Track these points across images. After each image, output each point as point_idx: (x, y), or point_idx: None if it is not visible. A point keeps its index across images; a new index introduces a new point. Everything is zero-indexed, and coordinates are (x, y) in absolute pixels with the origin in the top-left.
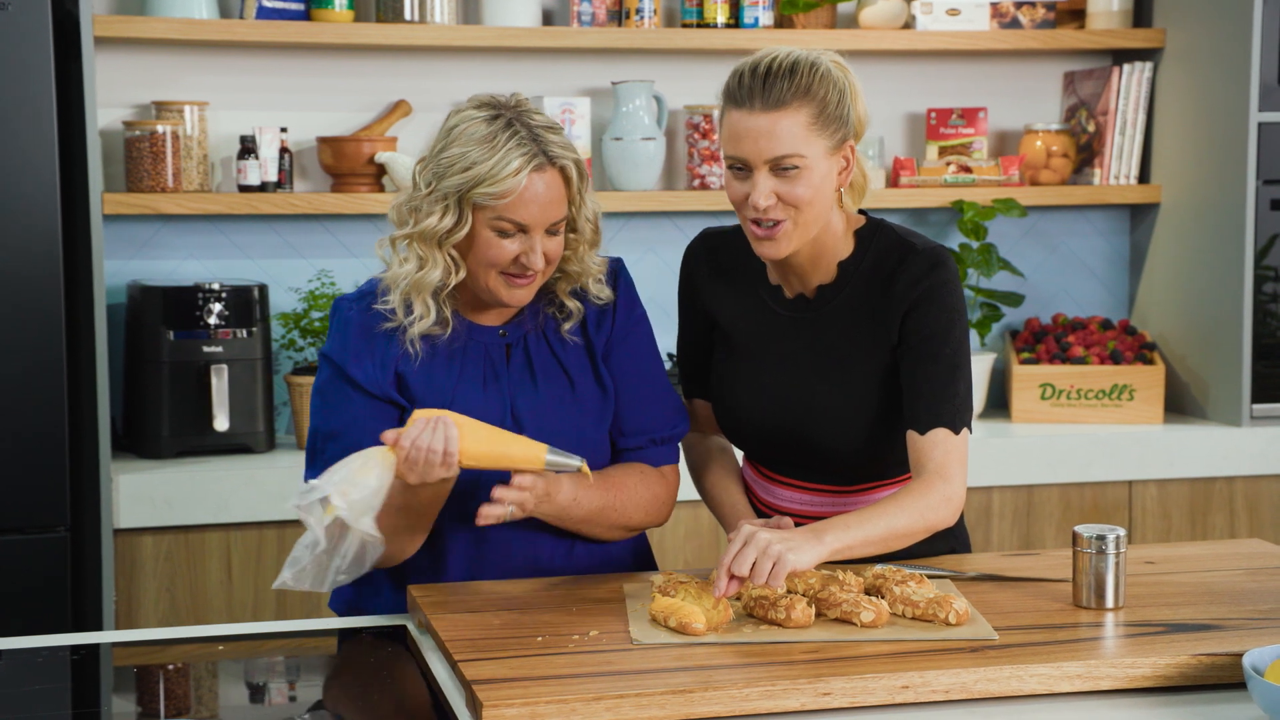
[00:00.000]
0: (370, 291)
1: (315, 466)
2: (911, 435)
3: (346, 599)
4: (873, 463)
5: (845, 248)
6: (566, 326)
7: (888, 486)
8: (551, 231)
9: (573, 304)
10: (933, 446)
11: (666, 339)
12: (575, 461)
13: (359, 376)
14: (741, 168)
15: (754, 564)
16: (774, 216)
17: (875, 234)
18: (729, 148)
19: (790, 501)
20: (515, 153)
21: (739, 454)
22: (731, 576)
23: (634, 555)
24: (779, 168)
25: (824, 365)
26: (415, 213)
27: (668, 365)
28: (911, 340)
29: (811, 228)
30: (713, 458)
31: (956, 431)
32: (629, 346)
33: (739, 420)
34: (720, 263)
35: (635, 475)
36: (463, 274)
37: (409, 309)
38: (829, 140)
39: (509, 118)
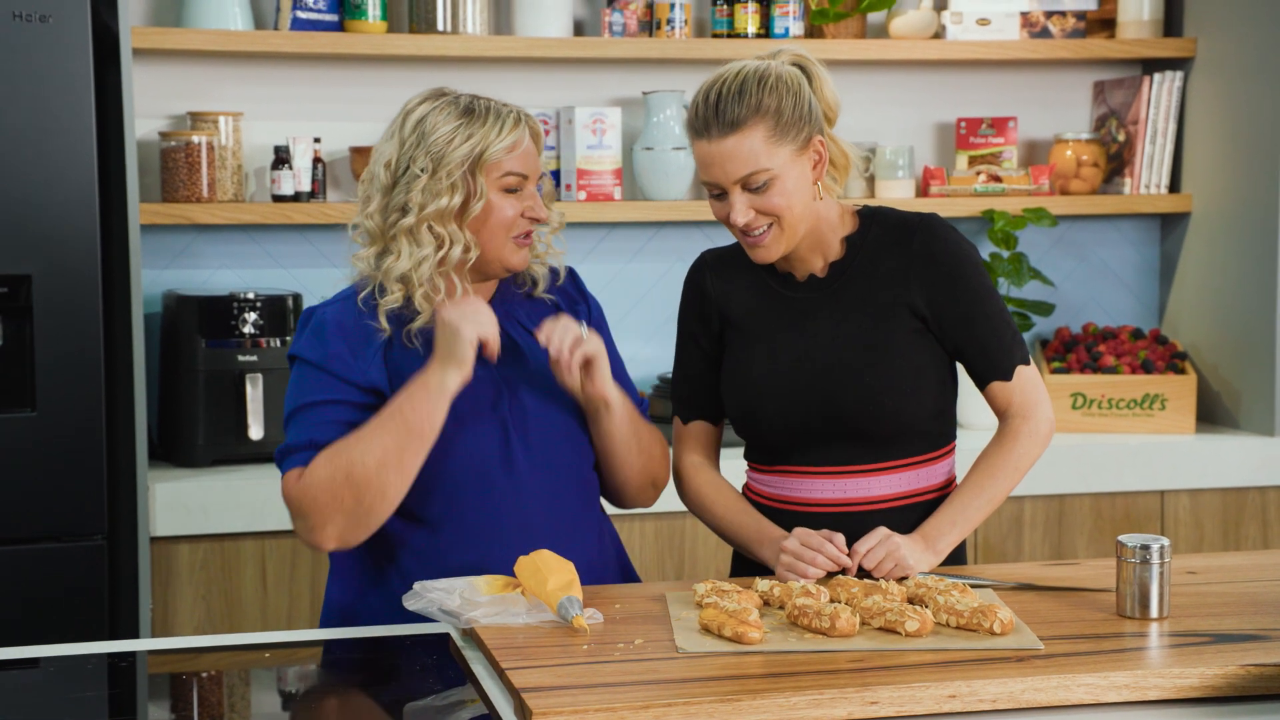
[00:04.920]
0: (350, 296)
1: (293, 432)
2: (996, 385)
3: (339, 606)
4: (897, 424)
5: (848, 226)
6: (539, 289)
7: (910, 468)
8: (538, 188)
9: (538, 269)
10: (1016, 385)
11: None
12: (574, 613)
13: (339, 369)
14: (717, 191)
15: (879, 560)
16: (758, 227)
17: (877, 211)
18: (701, 174)
19: (810, 493)
20: (500, 113)
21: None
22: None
23: (619, 567)
24: (749, 185)
25: (847, 330)
26: (412, 203)
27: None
28: (958, 306)
29: (798, 226)
30: (721, 485)
31: (1028, 363)
32: (603, 331)
33: (761, 407)
34: (726, 268)
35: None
36: (478, 251)
37: (408, 301)
38: (793, 144)
39: (469, 98)
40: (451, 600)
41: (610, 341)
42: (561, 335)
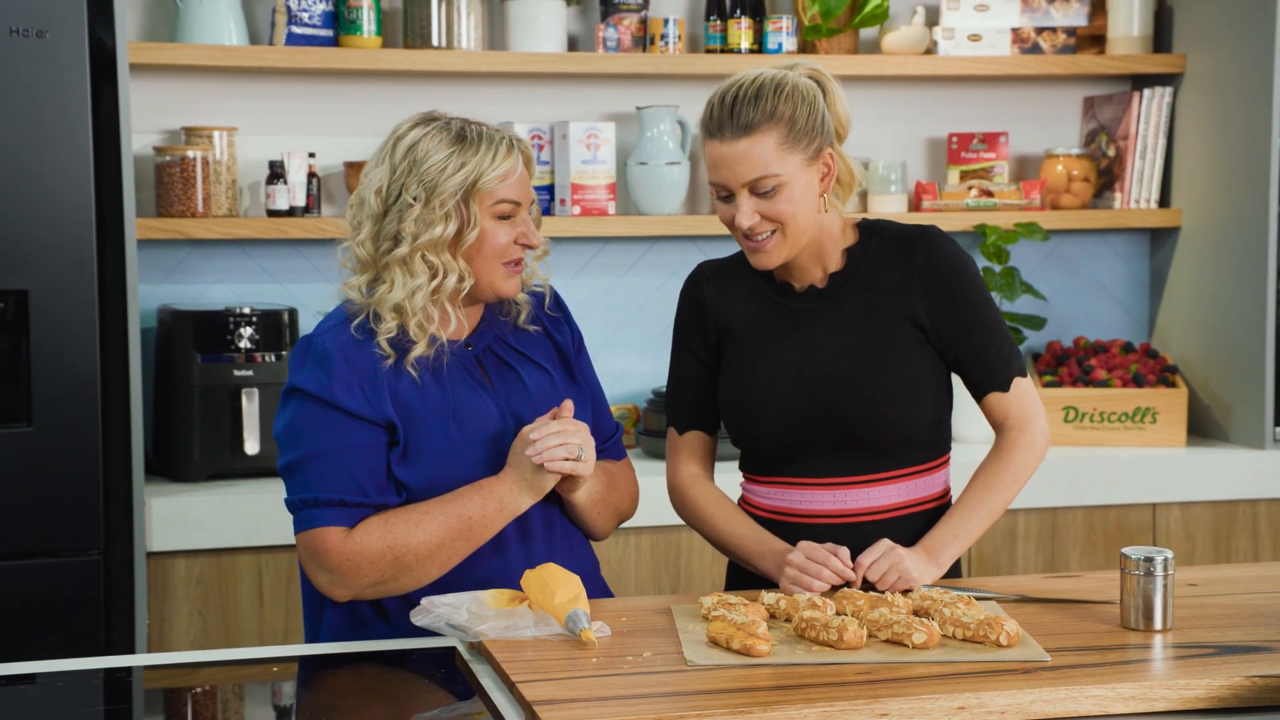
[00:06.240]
0: (344, 322)
1: (310, 483)
2: (993, 397)
3: (338, 630)
4: (897, 435)
5: (848, 239)
6: (522, 319)
7: (909, 478)
8: (529, 213)
9: (520, 297)
10: (1014, 398)
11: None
12: (582, 626)
13: (350, 404)
14: (724, 193)
15: (883, 572)
16: (761, 231)
17: (876, 224)
18: (711, 175)
19: (810, 504)
20: (493, 140)
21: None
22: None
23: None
24: (757, 189)
25: (846, 341)
26: (405, 232)
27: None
28: (958, 317)
29: (801, 235)
30: (719, 497)
31: (1025, 375)
32: (584, 357)
33: (759, 416)
34: (725, 279)
35: (615, 466)
36: (472, 280)
37: (403, 330)
38: (804, 153)
39: (460, 123)
40: (459, 615)
41: (591, 369)
42: (555, 443)
